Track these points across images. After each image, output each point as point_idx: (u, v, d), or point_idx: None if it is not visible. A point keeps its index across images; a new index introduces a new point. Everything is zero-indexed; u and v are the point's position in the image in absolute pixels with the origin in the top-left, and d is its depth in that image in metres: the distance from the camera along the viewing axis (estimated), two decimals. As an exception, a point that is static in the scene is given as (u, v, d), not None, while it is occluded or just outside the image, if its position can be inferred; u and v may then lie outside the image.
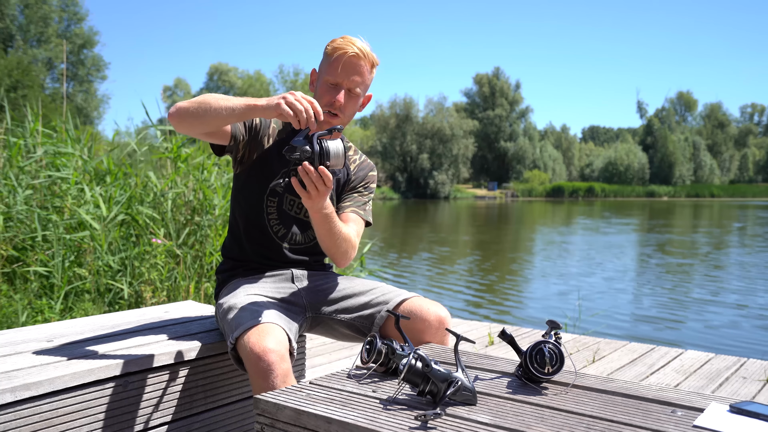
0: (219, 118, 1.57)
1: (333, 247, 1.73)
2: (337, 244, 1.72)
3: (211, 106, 1.57)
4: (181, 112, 1.61)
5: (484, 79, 74.84)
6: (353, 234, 1.78)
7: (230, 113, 1.55)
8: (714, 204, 53.39)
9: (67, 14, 40.73)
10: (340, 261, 1.78)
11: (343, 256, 1.77)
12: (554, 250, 14.12)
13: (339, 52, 1.72)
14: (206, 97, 1.60)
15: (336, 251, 1.75)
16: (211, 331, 1.86)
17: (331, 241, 1.71)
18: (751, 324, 6.31)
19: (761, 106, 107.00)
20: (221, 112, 1.56)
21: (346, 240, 1.74)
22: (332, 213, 1.66)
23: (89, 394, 1.47)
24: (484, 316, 6.56)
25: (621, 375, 3.05)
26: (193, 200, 4.34)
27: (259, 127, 1.79)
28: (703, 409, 1.16)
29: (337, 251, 1.75)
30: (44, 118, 4.93)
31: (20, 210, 3.98)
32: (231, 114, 1.56)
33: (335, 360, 3.29)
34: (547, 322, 1.33)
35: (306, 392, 1.27)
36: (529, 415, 1.14)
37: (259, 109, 1.52)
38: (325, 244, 1.73)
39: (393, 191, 61.12)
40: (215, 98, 1.59)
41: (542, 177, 72.96)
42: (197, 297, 4.07)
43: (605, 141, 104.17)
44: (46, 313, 3.54)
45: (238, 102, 1.55)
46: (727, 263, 11.74)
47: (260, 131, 1.80)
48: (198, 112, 1.59)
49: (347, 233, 1.74)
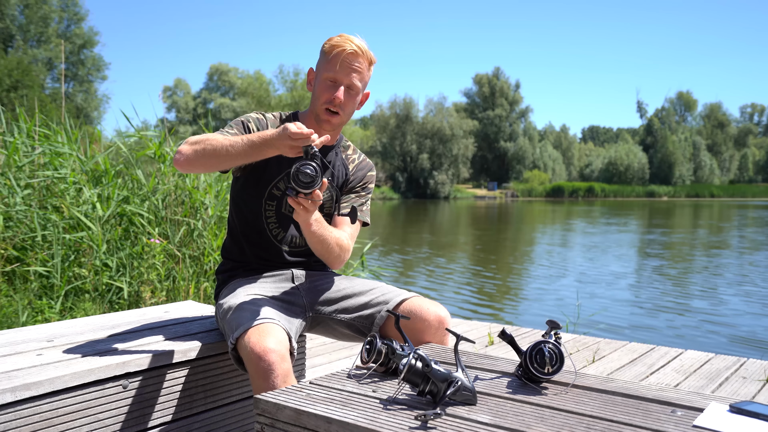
0: (231, 160, 1.60)
1: (325, 252, 1.76)
2: (330, 249, 1.75)
3: (218, 153, 1.60)
4: (189, 161, 1.64)
5: (484, 79, 74.83)
6: (346, 238, 1.80)
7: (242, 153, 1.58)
8: (714, 204, 53.39)
9: (67, 14, 40.71)
10: (334, 264, 1.82)
11: (336, 260, 1.80)
12: (554, 250, 14.12)
13: (337, 49, 1.72)
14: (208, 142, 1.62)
15: (329, 256, 1.77)
16: (211, 331, 1.86)
17: (323, 247, 1.74)
18: (751, 324, 6.31)
19: (761, 106, 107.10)
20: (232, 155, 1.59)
21: (338, 244, 1.76)
22: (320, 220, 1.69)
23: (89, 394, 1.47)
24: (484, 315, 6.56)
25: (621, 375, 3.05)
26: (185, 199, 4.35)
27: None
28: (703, 409, 1.16)
29: (329, 256, 1.78)
30: (42, 118, 4.92)
31: (20, 210, 3.97)
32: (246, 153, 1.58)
33: (335, 360, 3.29)
34: (547, 322, 1.33)
35: (306, 392, 1.27)
36: (529, 415, 1.14)
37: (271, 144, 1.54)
38: (318, 250, 1.76)
39: (393, 191, 61.13)
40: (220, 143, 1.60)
41: (542, 177, 72.96)
42: (197, 297, 4.07)
43: (605, 141, 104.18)
44: (46, 313, 3.54)
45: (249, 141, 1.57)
46: (727, 263, 11.74)
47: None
48: (208, 163, 1.63)
49: (338, 237, 1.76)
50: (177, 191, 4.40)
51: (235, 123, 1.80)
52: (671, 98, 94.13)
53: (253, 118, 1.82)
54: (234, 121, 1.81)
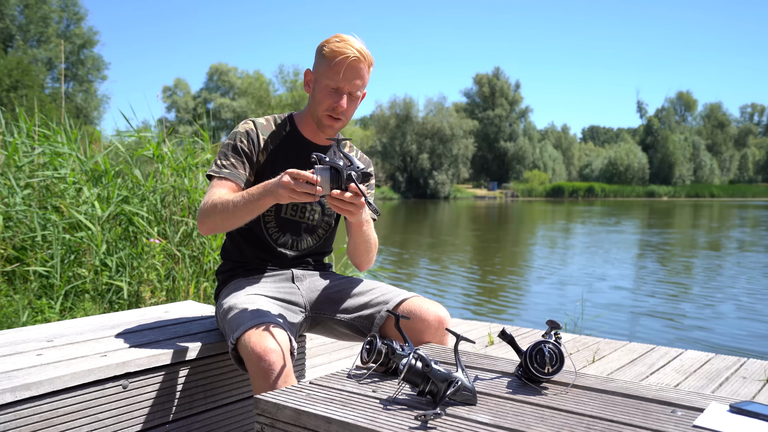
0: (244, 216, 1.60)
1: (365, 253, 1.80)
2: (370, 250, 1.79)
3: (230, 219, 1.61)
4: (212, 230, 1.67)
5: (484, 79, 74.83)
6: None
7: (253, 209, 1.57)
8: (714, 204, 53.39)
9: (67, 14, 40.71)
10: (366, 265, 1.85)
11: (371, 261, 1.85)
12: (554, 250, 14.12)
13: (340, 56, 1.68)
14: (217, 213, 1.62)
15: (367, 256, 1.81)
16: (211, 331, 1.86)
17: (366, 248, 1.77)
18: (751, 324, 6.31)
19: (761, 106, 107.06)
20: (244, 213, 1.58)
21: (376, 245, 1.82)
22: (370, 221, 1.73)
23: (89, 394, 1.47)
24: (484, 316, 6.56)
25: (621, 375, 3.05)
26: (184, 199, 4.35)
27: (252, 154, 1.78)
28: (703, 409, 1.16)
29: (368, 256, 1.82)
30: (42, 118, 4.92)
31: (19, 210, 3.97)
32: (254, 209, 1.57)
33: (335, 360, 3.29)
34: (547, 322, 1.33)
35: (306, 392, 1.26)
36: (529, 415, 1.14)
37: (272, 197, 1.52)
38: (359, 251, 1.78)
39: (393, 191, 61.12)
40: (227, 208, 1.60)
41: (542, 177, 72.96)
42: (197, 297, 4.07)
43: (605, 141, 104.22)
44: (46, 313, 3.54)
45: (256, 199, 1.55)
46: (727, 263, 11.74)
47: (256, 156, 1.78)
48: (228, 226, 1.65)
49: (376, 239, 1.81)
50: (176, 191, 4.40)
51: (227, 148, 1.77)
52: (671, 98, 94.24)
53: (242, 135, 1.77)
54: (224, 146, 1.78)
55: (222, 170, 1.73)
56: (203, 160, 4.78)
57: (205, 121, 5.36)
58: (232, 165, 1.73)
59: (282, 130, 1.83)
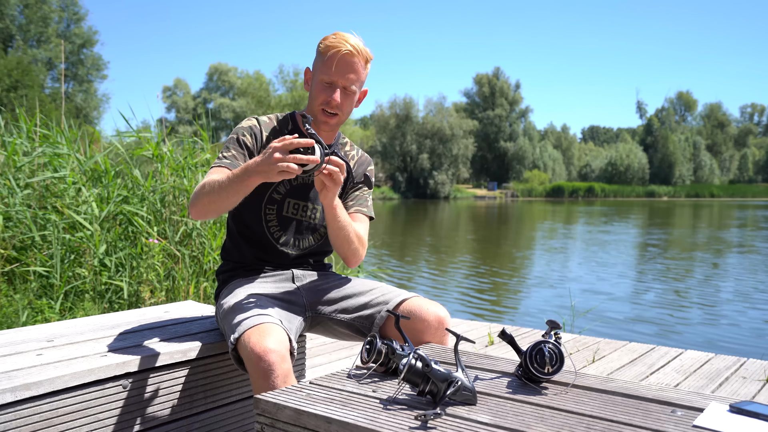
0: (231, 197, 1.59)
1: (345, 242, 1.76)
2: (350, 239, 1.76)
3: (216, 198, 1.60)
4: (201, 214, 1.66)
5: (484, 79, 74.85)
6: (362, 232, 1.82)
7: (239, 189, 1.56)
8: (714, 204, 53.39)
9: (67, 14, 40.69)
10: (351, 259, 1.82)
11: (354, 254, 1.80)
12: (554, 250, 14.12)
13: (332, 50, 1.71)
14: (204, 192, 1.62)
15: (348, 247, 1.78)
16: (211, 331, 1.86)
17: (344, 235, 1.74)
18: (751, 324, 6.31)
19: (761, 106, 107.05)
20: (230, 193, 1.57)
21: (357, 235, 1.78)
22: (341, 205, 1.70)
23: (89, 394, 1.47)
24: (484, 316, 6.56)
25: (621, 375, 3.05)
26: (184, 199, 4.35)
27: (254, 148, 1.78)
28: (703, 409, 1.16)
29: (349, 247, 1.78)
30: (42, 118, 4.92)
31: (19, 210, 3.97)
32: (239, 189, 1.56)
33: (335, 360, 3.29)
34: (547, 322, 1.33)
35: (306, 392, 1.26)
36: (529, 415, 1.14)
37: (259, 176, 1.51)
38: (338, 239, 1.75)
39: (393, 191, 61.14)
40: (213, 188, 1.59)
41: (542, 177, 72.96)
42: (197, 297, 4.07)
43: (605, 141, 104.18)
44: (46, 313, 3.54)
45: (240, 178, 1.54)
46: (726, 263, 11.74)
47: (257, 152, 1.78)
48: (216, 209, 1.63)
49: (357, 229, 1.78)
50: (175, 191, 4.40)
51: (230, 141, 1.78)
52: (671, 98, 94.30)
53: (246, 130, 1.79)
54: (228, 140, 1.79)
55: (222, 161, 1.74)
56: (203, 160, 4.77)
57: (205, 121, 5.35)
58: (233, 156, 1.74)
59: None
